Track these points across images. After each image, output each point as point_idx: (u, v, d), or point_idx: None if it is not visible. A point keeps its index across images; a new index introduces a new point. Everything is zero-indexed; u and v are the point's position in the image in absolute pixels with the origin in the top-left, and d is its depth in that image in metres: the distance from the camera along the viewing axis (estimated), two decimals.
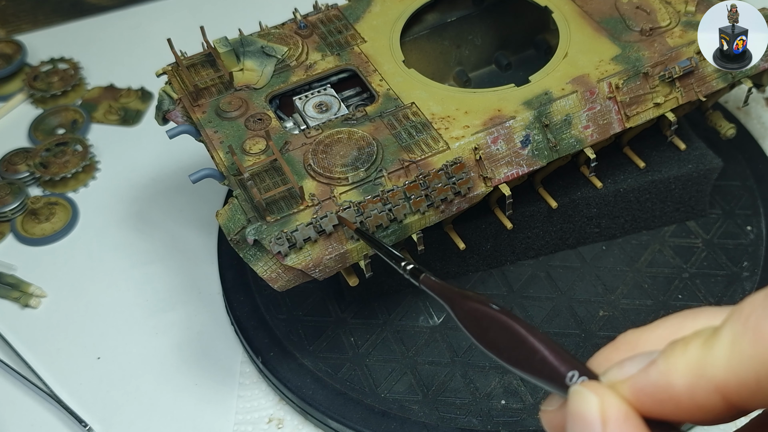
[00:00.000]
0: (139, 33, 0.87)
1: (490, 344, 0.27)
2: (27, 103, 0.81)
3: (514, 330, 0.26)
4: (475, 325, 0.28)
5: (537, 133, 0.51)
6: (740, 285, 0.59)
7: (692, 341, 0.23)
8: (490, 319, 0.27)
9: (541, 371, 0.25)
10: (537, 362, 0.25)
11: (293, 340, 0.58)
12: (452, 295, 0.30)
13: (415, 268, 0.36)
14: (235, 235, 0.48)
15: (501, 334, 0.27)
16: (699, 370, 0.22)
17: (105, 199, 0.71)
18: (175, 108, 0.56)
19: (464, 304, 0.29)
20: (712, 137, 0.64)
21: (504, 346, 0.26)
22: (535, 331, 0.26)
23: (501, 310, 0.27)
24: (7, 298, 0.65)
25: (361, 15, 0.60)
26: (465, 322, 0.29)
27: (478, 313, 0.28)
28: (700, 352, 0.22)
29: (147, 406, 0.58)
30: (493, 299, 0.29)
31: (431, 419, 0.53)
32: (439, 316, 0.59)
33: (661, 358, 0.23)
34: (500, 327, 0.27)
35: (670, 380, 0.23)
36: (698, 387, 0.22)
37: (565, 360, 0.25)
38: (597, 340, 0.57)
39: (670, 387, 0.23)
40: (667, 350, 0.23)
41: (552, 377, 0.25)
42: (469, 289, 0.35)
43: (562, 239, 0.61)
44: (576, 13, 0.58)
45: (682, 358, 0.23)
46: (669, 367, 0.23)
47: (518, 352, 0.26)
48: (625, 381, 0.24)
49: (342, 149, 0.50)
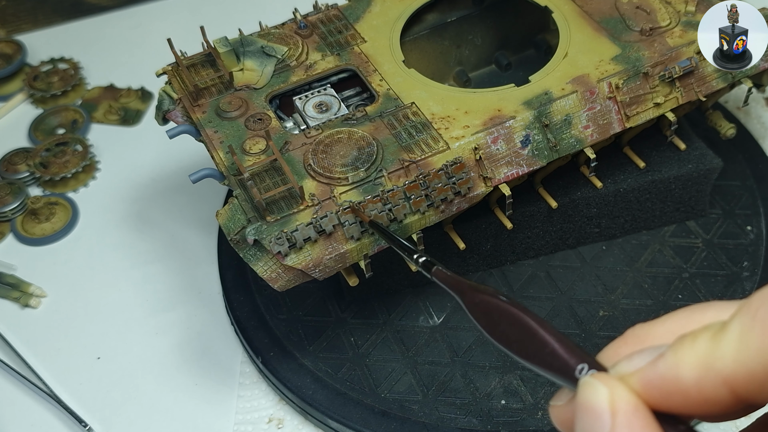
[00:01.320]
0: (139, 33, 0.87)
1: (501, 337, 0.27)
2: (27, 103, 0.81)
3: (524, 323, 0.26)
4: (485, 318, 0.28)
5: (537, 133, 0.51)
6: (740, 285, 0.59)
7: (701, 335, 0.23)
8: (500, 311, 0.27)
9: (551, 364, 0.25)
10: (547, 355, 0.25)
11: (293, 340, 0.58)
12: (463, 287, 0.30)
13: (427, 260, 0.37)
14: (235, 235, 0.48)
15: (511, 327, 0.27)
16: (707, 362, 0.22)
17: (105, 199, 0.71)
18: (175, 108, 0.56)
19: (475, 297, 0.29)
20: (712, 137, 0.64)
21: (514, 339, 0.27)
22: (545, 324, 0.26)
23: (511, 302, 0.27)
24: (7, 298, 0.65)
25: (361, 15, 0.60)
26: (475, 315, 0.29)
27: (488, 305, 0.28)
28: (708, 345, 0.22)
29: (147, 406, 0.58)
30: (502, 291, 0.29)
31: (431, 419, 0.53)
32: (439, 316, 0.59)
33: (670, 351, 0.23)
34: (511, 320, 0.27)
35: (679, 373, 0.23)
36: (706, 380, 0.22)
37: (575, 353, 0.25)
38: (597, 340, 0.57)
39: (678, 379, 0.23)
40: (675, 344, 0.23)
41: (562, 370, 0.25)
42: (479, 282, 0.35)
43: (562, 239, 0.61)
44: (576, 13, 0.58)
45: (691, 350, 0.23)
46: (677, 360, 0.23)
47: (528, 345, 0.26)
48: (634, 373, 0.24)
49: (342, 149, 0.50)
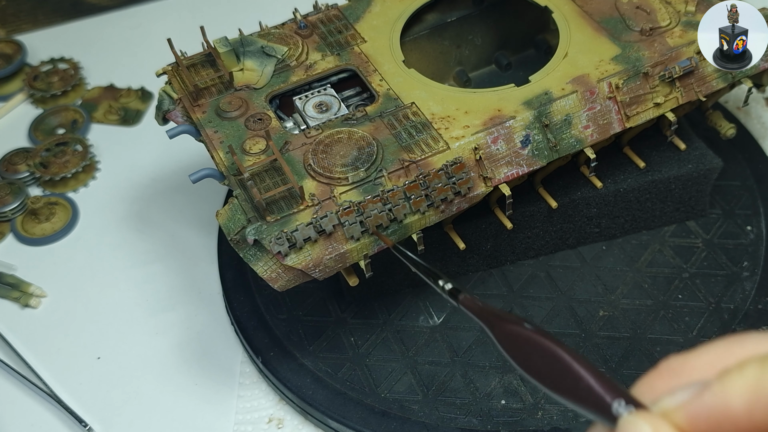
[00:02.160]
0: (139, 33, 0.87)
1: (533, 370, 0.27)
2: (27, 103, 0.81)
3: (558, 356, 0.26)
4: (517, 351, 0.27)
5: (537, 133, 0.51)
6: (740, 285, 0.59)
7: (749, 362, 0.22)
8: (532, 344, 0.27)
9: (587, 399, 0.25)
10: (582, 390, 0.25)
11: (293, 340, 0.58)
12: (492, 318, 0.29)
13: (454, 288, 0.35)
14: (235, 235, 0.48)
15: (544, 360, 0.26)
16: (758, 388, 0.22)
17: (105, 199, 0.71)
18: (175, 108, 0.56)
19: (505, 328, 0.28)
20: (712, 137, 0.64)
21: (547, 373, 0.26)
22: (579, 358, 0.25)
23: (542, 333, 0.27)
24: (7, 298, 0.65)
25: (361, 15, 0.60)
26: (506, 347, 0.28)
27: (520, 338, 0.27)
28: (758, 371, 0.22)
29: (147, 406, 0.58)
30: (526, 318, 0.28)
31: (431, 419, 0.53)
32: (439, 316, 0.59)
33: (717, 382, 0.22)
34: (544, 353, 0.26)
35: (728, 401, 0.22)
36: (758, 406, 0.22)
37: (612, 388, 0.24)
38: (597, 340, 0.57)
39: (727, 409, 0.22)
40: (722, 374, 0.23)
41: (598, 405, 0.24)
42: (504, 310, 0.33)
43: (562, 239, 0.61)
44: (576, 13, 0.58)
45: (740, 378, 0.22)
46: (726, 389, 0.22)
47: (562, 379, 0.25)
48: (679, 408, 0.23)
49: (342, 149, 0.50)
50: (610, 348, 0.56)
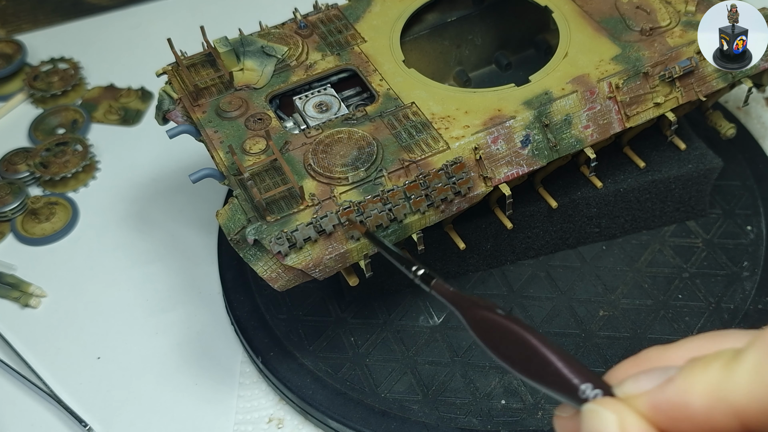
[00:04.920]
0: (139, 33, 0.87)
1: (503, 355, 0.27)
2: (27, 103, 0.81)
3: (526, 341, 0.26)
4: (487, 335, 0.28)
5: (537, 132, 0.51)
6: (740, 285, 0.59)
7: (713, 362, 0.22)
8: (503, 329, 0.27)
9: (555, 383, 0.25)
10: (550, 374, 0.25)
11: (293, 340, 0.58)
12: (463, 303, 0.30)
13: (426, 273, 0.35)
14: (235, 235, 0.48)
15: (514, 345, 0.27)
16: (718, 392, 0.22)
17: (105, 199, 0.71)
18: (175, 108, 0.56)
19: (476, 314, 0.29)
20: (712, 137, 0.64)
21: (517, 357, 0.26)
22: (547, 342, 0.26)
23: (511, 318, 0.27)
24: (7, 298, 0.65)
25: (361, 15, 0.60)
26: (477, 332, 0.29)
27: (490, 323, 0.28)
28: (720, 374, 0.22)
29: (147, 406, 0.58)
30: (498, 304, 0.28)
31: (431, 419, 0.53)
32: (439, 316, 0.59)
33: (680, 376, 0.23)
34: (512, 337, 0.27)
35: (689, 400, 0.22)
36: (717, 410, 0.22)
37: (579, 372, 0.25)
38: (597, 340, 0.57)
39: (687, 407, 0.22)
40: (686, 368, 0.23)
41: (565, 389, 0.25)
42: (475, 295, 0.34)
43: (562, 239, 0.61)
44: (576, 13, 0.58)
45: (702, 378, 0.22)
46: (687, 387, 0.22)
47: (531, 364, 0.26)
48: (642, 395, 0.23)
49: (342, 149, 0.50)
50: (610, 348, 0.56)
